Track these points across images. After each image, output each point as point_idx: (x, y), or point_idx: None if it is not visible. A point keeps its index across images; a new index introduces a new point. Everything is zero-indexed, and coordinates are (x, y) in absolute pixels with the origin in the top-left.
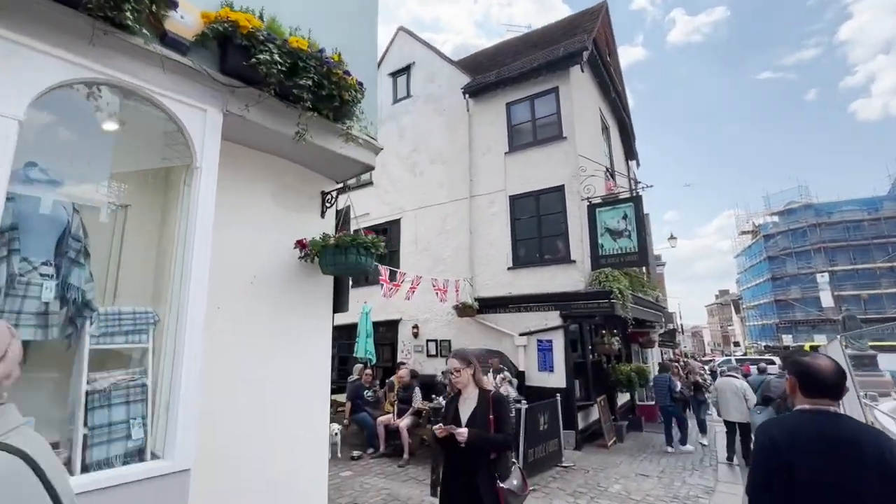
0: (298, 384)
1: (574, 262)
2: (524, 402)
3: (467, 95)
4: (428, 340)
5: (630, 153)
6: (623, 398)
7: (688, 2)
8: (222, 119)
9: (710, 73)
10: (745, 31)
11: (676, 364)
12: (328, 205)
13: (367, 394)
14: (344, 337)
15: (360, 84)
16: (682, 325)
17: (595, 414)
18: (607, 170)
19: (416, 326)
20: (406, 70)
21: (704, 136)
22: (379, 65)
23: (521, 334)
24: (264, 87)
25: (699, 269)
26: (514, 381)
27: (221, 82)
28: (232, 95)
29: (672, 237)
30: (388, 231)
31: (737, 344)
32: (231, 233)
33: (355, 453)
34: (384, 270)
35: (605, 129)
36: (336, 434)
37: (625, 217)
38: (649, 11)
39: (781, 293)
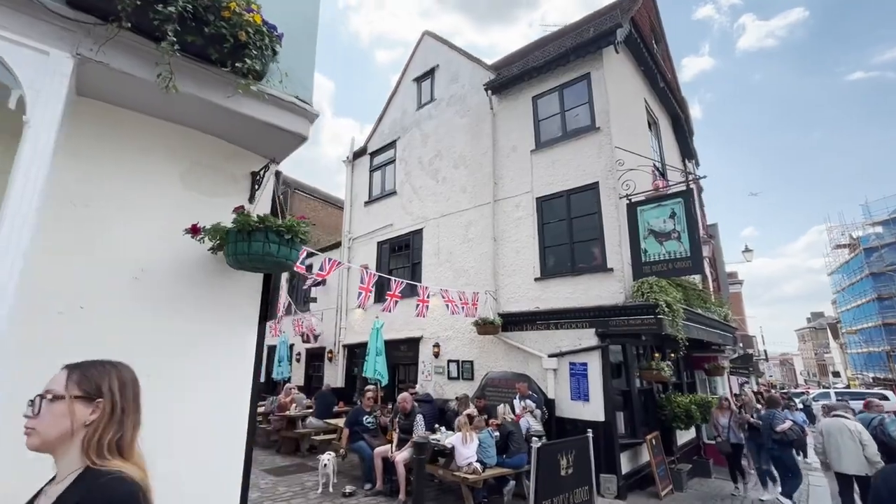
0: (196, 413)
1: (611, 270)
2: (543, 438)
3: (490, 93)
4: (449, 361)
5: (687, 151)
6: (686, 435)
7: (758, 6)
8: (72, 64)
9: (787, 77)
10: (828, 30)
11: (727, 399)
12: (257, 187)
13: (367, 420)
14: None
15: (274, 30)
16: (765, 352)
17: (645, 455)
18: (656, 167)
19: (436, 345)
20: (430, 74)
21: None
22: (404, 72)
23: (550, 355)
24: (117, 21)
25: (787, 291)
26: (540, 411)
27: (68, 17)
28: (89, 36)
29: (747, 249)
30: (411, 243)
31: (836, 374)
32: (110, 218)
33: (348, 489)
34: (369, 278)
35: (653, 123)
36: (326, 465)
37: (672, 216)
38: (715, 19)
39: (891, 315)
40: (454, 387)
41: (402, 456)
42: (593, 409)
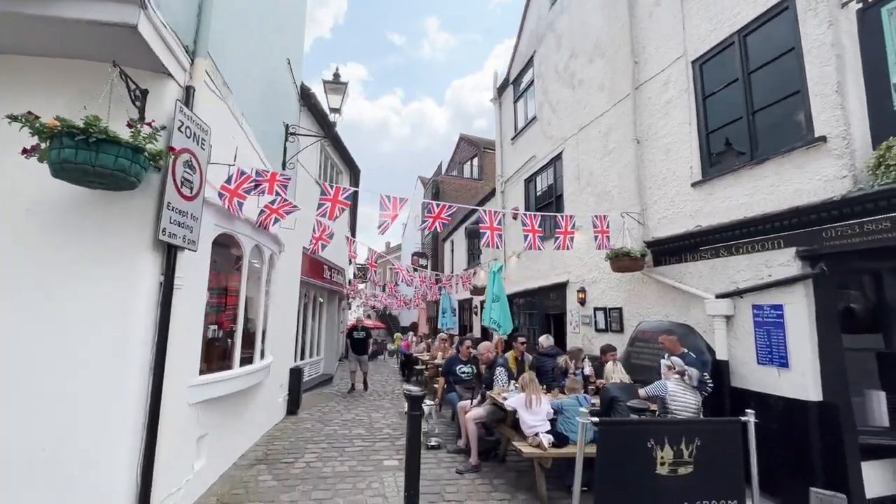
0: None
1: (822, 140)
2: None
3: None
4: (595, 309)
5: None
6: None
7: None
8: None
9: None
10: None
11: None
12: (138, 103)
13: (462, 369)
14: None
15: None
16: None
17: None
18: None
19: (581, 290)
20: None
21: None
22: None
23: (718, 296)
24: None
25: None
26: (698, 374)
27: None
28: None
29: None
30: (554, 172)
31: None
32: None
33: (433, 441)
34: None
35: None
36: (429, 413)
37: None
38: None
39: None
40: (602, 340)
41: (473, 413)
42: (797, 381)
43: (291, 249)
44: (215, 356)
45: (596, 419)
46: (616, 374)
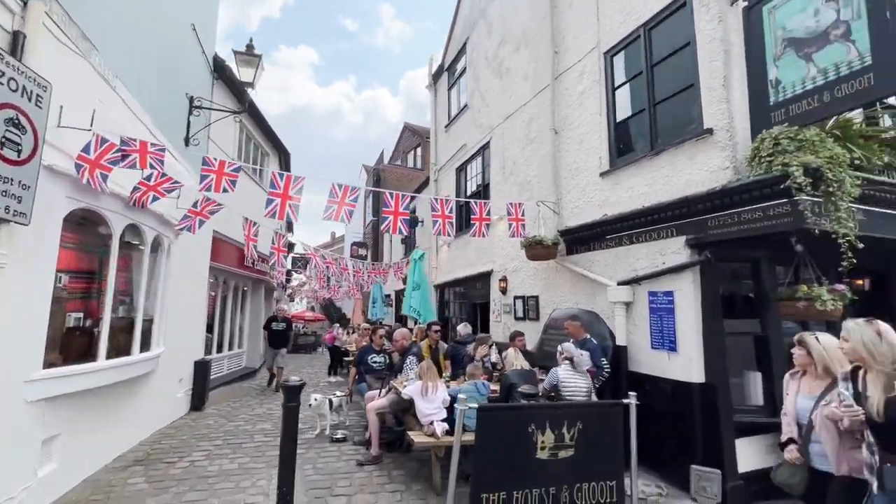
0: None
1: (709, 133)
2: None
3: None
4: (515, 298)
5: None
6: None
7: None
8: None
9: None
10: None
11: None
12: None
13: (374, 359)
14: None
15: None
16: None
17: None
18: None
19: (503, 279)
20: None
21: None
22: None
23: (620, 283)
24: None
25: None
26: (587, 358)
27: None
28: None
29: None
30: (482, 161)
31: None
32: None
33: (340, 434)
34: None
35: None
36: (312, 405)
37: None
38: None
39: None
40: (520, 328)
41: (374, 403)
42: (683, 365)
43: (199, 233)
44: (77, 347)
45: (475, 405)
46: (517, 360)
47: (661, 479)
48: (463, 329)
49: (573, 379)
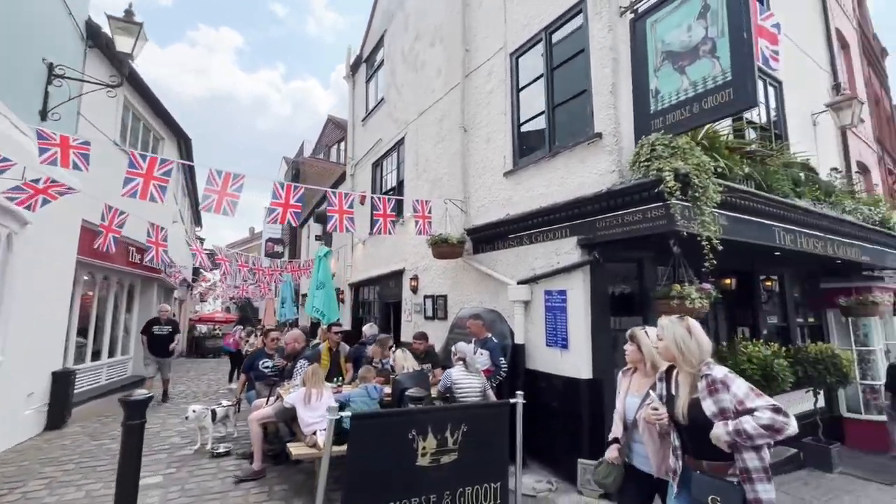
0: None
1: (598, 137)
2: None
3: None
4: (425, 297)
5: None
6: (801, 405)
7: None
8: None
9: None
10: None
11: None
12: None
13: (265, 364)
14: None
15: None
16: None
17: None
18: None
19: (414, 278)
20: None
21: None
22: None
23: (520, 282)
24: None
25: None
26: (478, 357)
27: None
28: None
29: None
30: (398, 157)
31: None
32: None
33: (222, 448)
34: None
35: None
36: (189, 417)
37: (704, 13)
38: None
39: None
40: (429, 328)
41: (257, 413)
42: (573, 361)
43: (61, 223)
44: None
45: (348, 413)
46: (406, 362)
47: (554, 474)
48: (368, 330)
49: (466, 379)
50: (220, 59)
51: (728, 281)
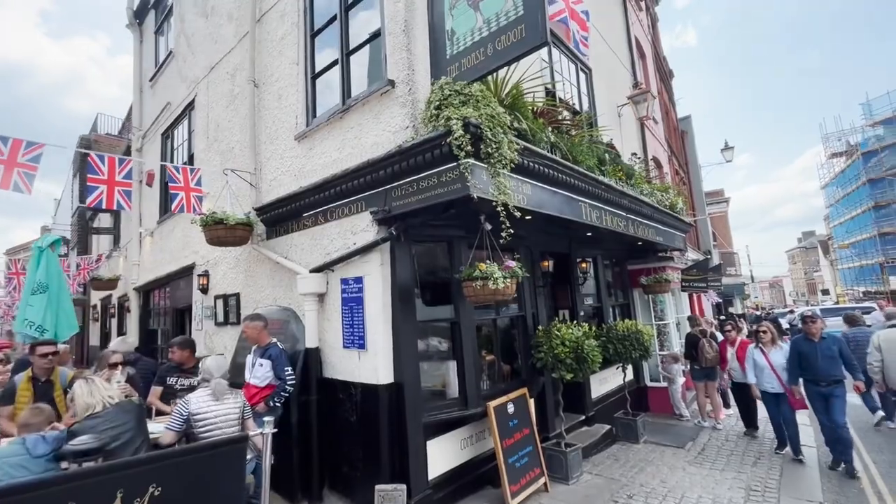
0: None
1: (391, 85)
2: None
3: None
4: (216, 298)
5: None
6: (614, 380)
7: None
8: None
9: None
10: None
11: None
12: None
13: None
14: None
15: None
16: (751, 273)
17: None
18: None
19: (204, 275)
20: None
21: (779, 64)
22: None
23: (312, 271)
24: None
25: (781, 215)
26: (214, 382)
27: None
28: None
29: (728, 147)
30: (189, 124)
31: (825, 292)
32: None
33: None
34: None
35: None
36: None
37: None
38: None
39: (887, 224)
40: (223, 335)
41: None
42: (371, 364)
43: None
44: None
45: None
46: (94, 395)
47: (353, 503)
48: (120, 345)
49: (212, 407)
50: (15, 17)
51: (546, 263)
